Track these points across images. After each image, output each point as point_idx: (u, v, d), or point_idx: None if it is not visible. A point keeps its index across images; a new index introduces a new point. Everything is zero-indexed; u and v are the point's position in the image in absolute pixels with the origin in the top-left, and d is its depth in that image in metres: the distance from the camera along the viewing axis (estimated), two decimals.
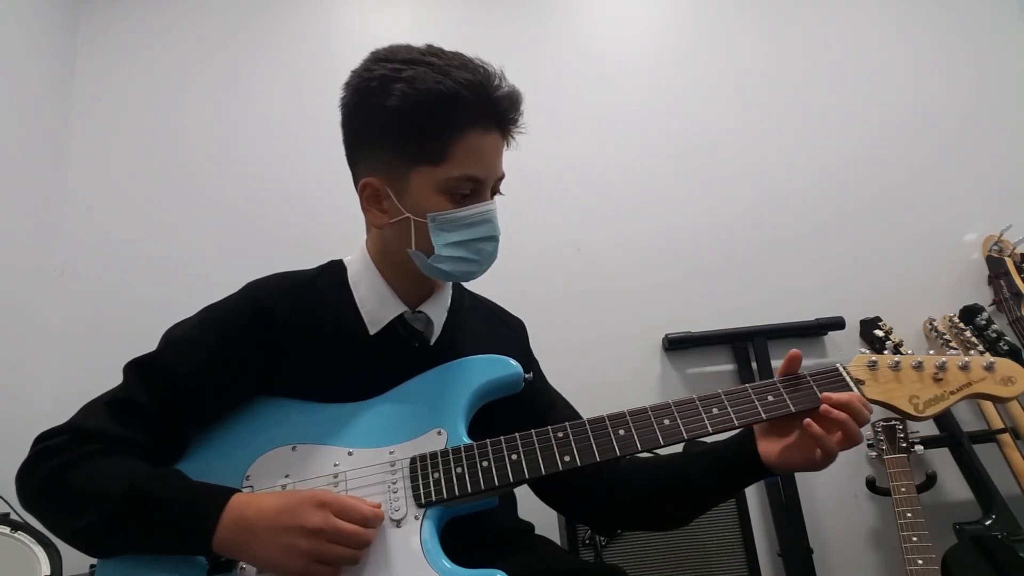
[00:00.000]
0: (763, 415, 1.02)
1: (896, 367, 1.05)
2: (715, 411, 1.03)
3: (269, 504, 0.91)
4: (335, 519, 0.89)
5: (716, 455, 1.12)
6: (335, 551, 0.89)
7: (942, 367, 1.04)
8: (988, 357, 1.05)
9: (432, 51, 1.05)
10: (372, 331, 1.12)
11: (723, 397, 1.04)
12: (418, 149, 1.03)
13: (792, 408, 1.02)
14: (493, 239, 1.08)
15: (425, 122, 1.01)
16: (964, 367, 1.04)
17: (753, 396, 1.04)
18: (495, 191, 1.11)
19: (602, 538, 1.87)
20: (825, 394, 1.01)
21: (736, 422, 1.02)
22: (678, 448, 1.11)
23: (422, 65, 1.01)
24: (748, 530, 1.97)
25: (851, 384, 1.04)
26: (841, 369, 1.06)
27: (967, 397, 1.04)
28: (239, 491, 0.95)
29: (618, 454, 1.00)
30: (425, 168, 1.03)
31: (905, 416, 1.04)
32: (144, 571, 0.93)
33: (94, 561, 0.98)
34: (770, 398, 1.03)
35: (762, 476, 1.08)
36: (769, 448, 1.06)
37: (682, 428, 1.01)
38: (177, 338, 1.08)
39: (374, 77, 1.03)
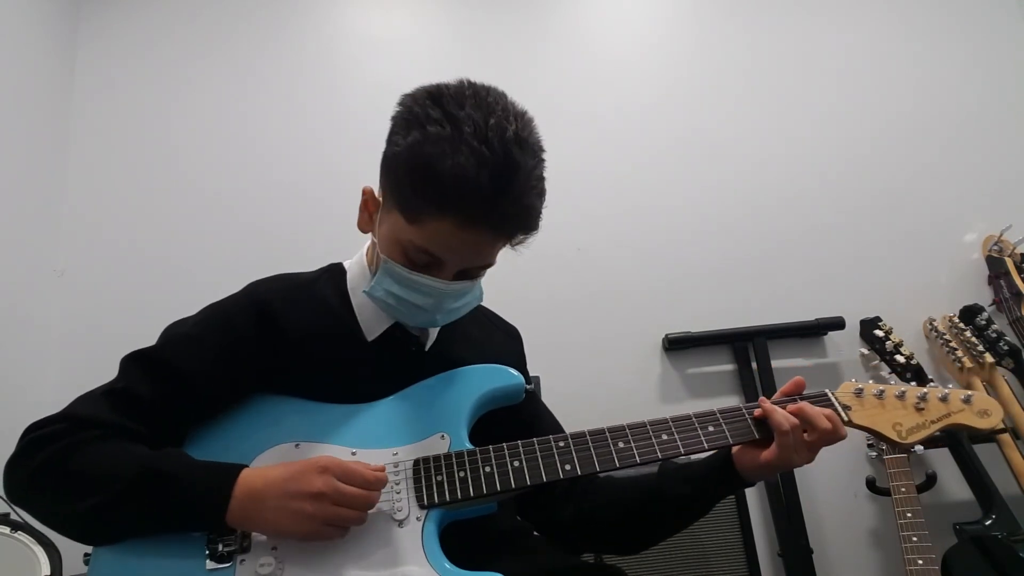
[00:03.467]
0: (755, 434, 1.06)
1: (880, 395, 1.11)
2: (711, 428, 1.06)
3: (276, 474, 0.93)
4: (337, 483, 0.91)
5: (692, 467, 1.14)
6: (340, 512, 0.91)
7: (923, 398, 1.11)
8: (966, 391, 1.12)
9: (476, 118, 0.94)
10: (369, 338, 1.13)
11: (719, 415, 1.07)
12: (399, 199, 1.00)
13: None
14: (427, 311, 1.05)
15: (411, 183, 0.96)
16: (944, 399, 1.11)
17: (747, 415, 1.08)
18: (470, 274, 1.06)
19: None
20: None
21: (731, 439, 1.05)
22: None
23: (450, 127, 0.93)
24: (748, 530, 1.97)
25: (839, 409, 1.09)
26: (830, 395, 1.11)
27: (947, 427, 1.10)
28: (247, 466, 0.96)
29: (617, 466, 1.02)
30: (399, 217, 1.00)
31: (889, 442, 1.10)
32: (142, 559, 0.93)
33: (88, 549, 0.97)
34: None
35: (735, 486, 1.11)
36: (741, 455, 1.08)
37: (679, 443, 1.04)
38: (178, 334, 1.08)
39: (410, 111, 0.98)
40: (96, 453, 0.94)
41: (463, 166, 0.91)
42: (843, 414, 1.08)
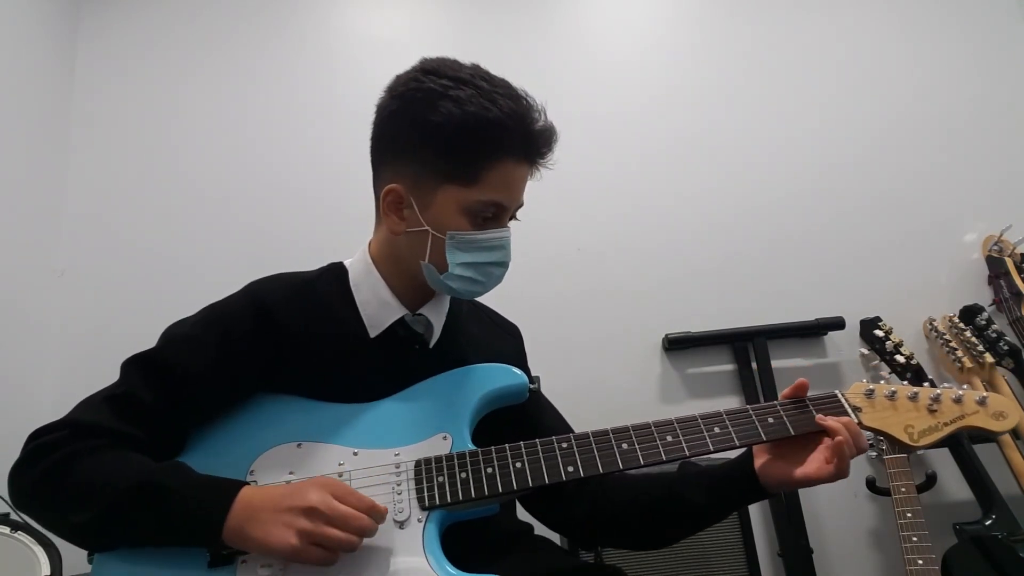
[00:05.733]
0: (763, 436, 1.04)
1: (892, 396, 1.08)
2: (717, 430, 1.04)
3: (275, 491, 0.92)
4: (333, 501, 0.89)
5: (711, 474, 1.13)
6: (330, 533, 0.88)
7: (936, 399, 1.07)
8: (980, 392, 1.08)
9: (480, 74, 1.06)
10: (372, 334, 1.13)
11: (725, 417, 1.06)
12: (452, 168, 1.04)
13: (792, 431, 1.04)
14: (503, 265, 1.11)
15: (465, 144, 1.02)
16: (958, 400, 1.07)
17: (754, 417, 1.06)
18: (512, 217, 1.13)
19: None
20: (820, 417, 1.04)
21: (737, 442, 1.03)
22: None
23: (470, 87, 1.02)
24: (748, 530, 1.97)
25: (849, 411, 1.07)
26: (840, 396, 1.09)
27: (960, 429, 1.07)
28: (248, 483, 0.95)
29: (621, 467, 1.01)
30: (454, 187, 1.04)
31: (900, 445, 1.07)
32: (144, 564, 0.93)
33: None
34: (770, 420, 1.05)
35: (756, 496, 1.09)
36: (766, 467, 1.07)
37: (684, 445, 1.03)
38: (178, 335, 1.08)
39: (421, 89, 1.04)
40: (96, 463, 0.94)
41: (511, 107, 1.03)
42: (854, 416, 1.06)
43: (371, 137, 1.13)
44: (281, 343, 1.07)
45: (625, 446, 1.02)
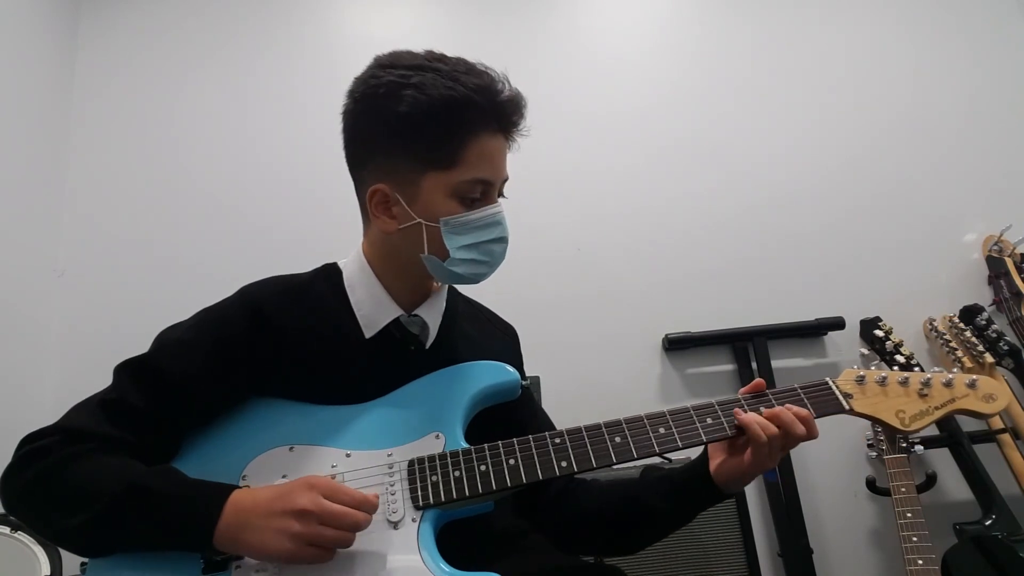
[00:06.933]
0: None
1: (883, 382, 1.08)
2: (709, 421, 1.04)
3: (264, 494, 0.91)
4: (324, 500, 0.89)
5: (669, 482, 1.13)
6: (324, 532, 0.88)
7: (927, 383, 1.07)
8: (971, 375, 1.08)
9: (436, 57, 1.06)
10: (368, 334, 1.12)
11: (716, 406, 1.05)
12: (429, 154, 1.03)
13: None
14: (503, 240, 1.10)
15: (436, 127, 1.02)
16: (948, 384, 1.08)
17: (745, 405, 1.05)
18: (500, 193, 1.12)
19: None
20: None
21: (729, 432, 1.03)
22: (684, 453, 1.11)
23: (429, 71, 1.02)
24: (748, 530, 1.97)
25: (840, 398, 1.07)
26: (831, 383, 1.09)
27: (951, 412, 1.07)
28: (238, 487, 0.94)
29: (614, 461, 1.01)
30: (436, 173, 1.04)
31: (892, 430, 1.07)
32: (137, 571, 0.93)
33: (86, 560, 0.97)
34: (762, 408, 1.05)
35: (716, 498, 1.09)
36: (721, 467, 1.07)
37: (677, 437, 1.02)
38: (171, 340, 1.07)
39: (381, 84, 1.04)
40: (87, 468, 0.93)
41: (473, 82, 1.02)
42: (845, 403, 1.06)
43: (344, 146, 1.13)
44: (276, 346, 1.07)
45: (618, 440, 1.02)
